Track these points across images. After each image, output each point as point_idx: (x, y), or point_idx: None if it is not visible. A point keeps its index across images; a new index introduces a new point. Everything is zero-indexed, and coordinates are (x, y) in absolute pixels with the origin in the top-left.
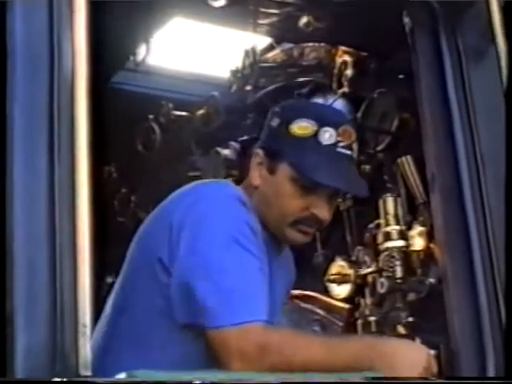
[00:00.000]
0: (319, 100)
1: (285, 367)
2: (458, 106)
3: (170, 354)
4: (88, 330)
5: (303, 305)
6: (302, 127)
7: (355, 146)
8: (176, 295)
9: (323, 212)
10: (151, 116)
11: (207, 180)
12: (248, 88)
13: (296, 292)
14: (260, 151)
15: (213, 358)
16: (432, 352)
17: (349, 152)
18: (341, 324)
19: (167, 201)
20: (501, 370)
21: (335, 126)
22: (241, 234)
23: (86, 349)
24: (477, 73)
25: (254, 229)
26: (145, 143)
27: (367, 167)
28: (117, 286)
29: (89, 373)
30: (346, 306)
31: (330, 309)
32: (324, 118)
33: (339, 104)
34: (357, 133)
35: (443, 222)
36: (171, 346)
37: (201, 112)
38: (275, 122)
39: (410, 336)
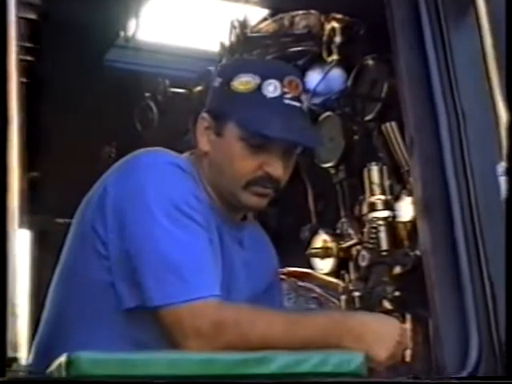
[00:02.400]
0: (316, 71)
1: (242, 344)
2: (437, 66)
3: (120, 340)
4: (18, 309)
5: (300, 283)
6: (243, 82)
7: (304, 97)
8: (117, 274)
9: (277, 170)
10: (148, 94)
11: (147, 149)
12: None
13: (291, 269)
14: (205, 115)
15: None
16: (406, 326)
17: (297, 103)
18: (337, 301)
19: (109, 171)
20: (484, 349)
21: (279, 78)
22: (184, 202)
23: (15, 329)
24: (457, 32)
25: (199, 197)
26: (143, 121)
27: (357, 136)
28: (60, 260)
29: (17, 354)
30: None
31: (326, 286)
32: (266, 70)
33: (335, 73)
34: (347, 101)
35: (422, 190)
36: (121, 329)
37: (198, 89)
38: (217, 82)
39: (396, 311)
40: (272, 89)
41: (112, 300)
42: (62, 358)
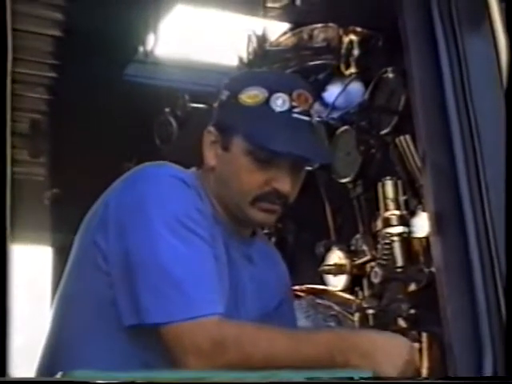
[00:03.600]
0: (336, 85)
1: (245, 363)
2: (450, 78)
3: (122, 357)
4: None
5: (319, 300)
6: (251, 95)
7: (314, 111)
8: (118, 289)
9: (285, 185)
10: (167, 109)
11: (152, 162)
12: None
13: (309, 286)
14: (212, 128)
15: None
16: (415, 345)
17: (306, 118)
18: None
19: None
20: (498, 366)
21: (288, 91)
22: (186, 216)
23: None
24: (471, 43)
25: (203, 212)
26: (162, 137)
27: (374, 150)
28: (63, 275)
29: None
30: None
31: (344, 303)
32: (275, 83)
33: (354, 86)
34: (365, 114)
35: (435, 204)
36: (123, 347)
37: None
38: (224, 95)
39: (411, 329)
40: (280, 102)
41: (114, 316)
42: (58, 376)
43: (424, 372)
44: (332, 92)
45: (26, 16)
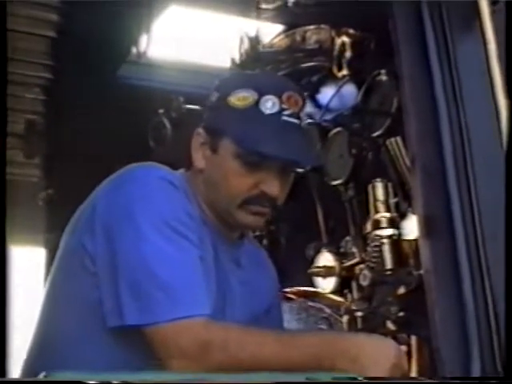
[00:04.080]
0: (330, 87)
1: (231, 365)
2: (441, 80)
3: (108, 359)
4: None
5: (310, 303)
6: (240, 98)
7: (303, 114)
8: (103, 290)
9: (273, 188)
10: (161, 110)
11: (140, 163)
12: None
13: (301, 289)
14: (201, 130)
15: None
16: (403, 348)
17: (296, 120)
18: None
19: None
20: (486, 369)
21: (278, 94)
22: (173, 218)
23: None
24: (462, 45)
25: (191, 214)
26: (156, 138)
27: (367, 153)
28: (50, 276)
29: None
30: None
31: (335, 306)
32: (265, 86)
33: (347, 89)
34: (357, 116)
35: (424, 207)
36: (109, 349)
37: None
38: (214, 97)
39: (400, 332)
40: (270, 105)
41: (100, 318)
42: (41, 377)
43: (412, 375)
44: (325, 94)
45: (21, 17)
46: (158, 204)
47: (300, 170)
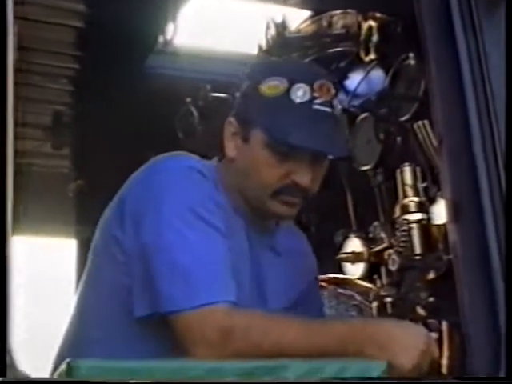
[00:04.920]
0: (357, 72)
1: (253, 353)
2: (468, 61)
3: (136, 349)
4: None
5: (340, 290)
6: (271, 86)
7: (336, 102)
8: (133, 280)
9: (304, 178)
10: (189, 99)
11: (169, 153)
12: None
13: (331, 276)
14: (232, 119)
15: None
16: (433, 334)
17: (328, 109)
18: None
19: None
20: None
21: (309, 82)
22: (199, 206)
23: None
24: (489, 25)
25: (219, 202)
26: (184, 127)
27: (397, 138)
28: (85, 269)
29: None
30: None
31: (365, 292)
32: (296, 74)
33: (375, 73)
34: (385, 101)
35: (452, 191)
36: (137, 339)
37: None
38: (245, 85)
39: (430, 318)
40: (301, 93)
41: (128, 307)
42: (63, 365)
43: (444, 361)
44: (352, 79)
45: (48, 8)
46: (185, 193)
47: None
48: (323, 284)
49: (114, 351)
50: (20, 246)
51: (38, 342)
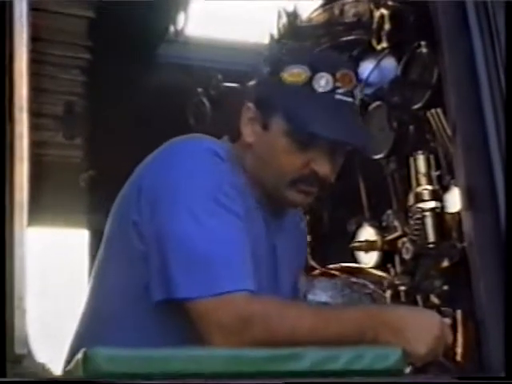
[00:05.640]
0: (369, 60)
1: (271, 340)
2: (482, 48)
3: (148, 337)
4: (24, 303)
5: (354, 279)
6: (294, 74)
7: (357, 91)
8: (150, 265)
9: (324, 168)
10: (200, 89)
11: (185, 136)
12: None
13: (344, 265)
14: (251, 105)
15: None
16: (447, 320)
17: (349, 99)
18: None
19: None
20: None
21: (332, 71)
22: (218, 190)
23: (22, 324)
24: (504, 12)
25: (237, 186)
26: (196, 117)
27: (410, 126)
28: (98, 258)
29: (25, 351)
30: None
31: (379, 282)
32: (319, 62)
33: (387, 62)
34: (398, 89)
35: (466, 178)
36: (149, 327)
37: (252, 82)
38: (265, 71)
39: (445, 306)
40: (323, 83)
41: (145, 293)
42: (80, 355)
43: (458, 349)
44: (365, 68)
45: None
46: (202, 177)
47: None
48: (336, 273)
49: (128, 339)
50: (32, 235)
51: (51, 332)
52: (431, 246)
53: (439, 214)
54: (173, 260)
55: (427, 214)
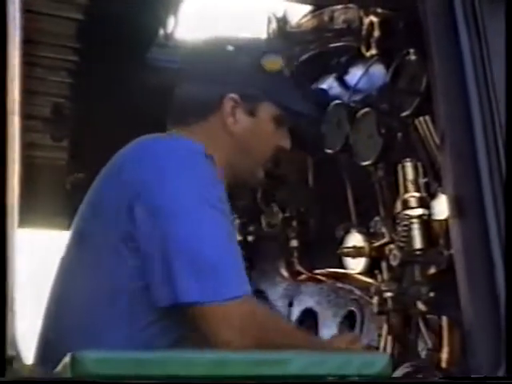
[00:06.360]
0: (358, 67)
1: (269, 342)
2: (471, 57)
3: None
4: (15, 305)
5: (340, 284)
6: (272, 62)
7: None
8: (152, 275)
9: (287, 142)
10: None
11: (154, 135)
12: None
13: (330, 270)
14: (234, 95)
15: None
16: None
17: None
18: None
19: (119, 160)
20: None
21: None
22: (213, 194)
23: (12, 326)
24: (492, 20)
25: (223, 187)
26: None
27: (398, 133)
28: (71, 257)
29: (14, 353)
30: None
31: (366, 287)
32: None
33: (376, 69)
34: (386, 96)
35: (454, 187)
36: (151, 328)
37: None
38: (245, 61)
39: (431, 313)
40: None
41: (141, 307)
42: (68, 358)
43: (444, 356)
44: (353, 75)
45: (49, 0)
46: (200, 183)
47: (329, 151)
48: (322, 278)
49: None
50: (18, 237)
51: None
52: (418, 252)
53: (426, 221)
54: (179, 266)
55: (414, 220)
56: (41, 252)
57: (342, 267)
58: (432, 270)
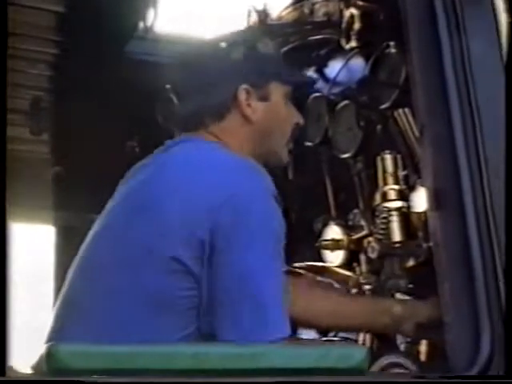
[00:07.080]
0: (338, 60)
1: None
2: (450, 49)
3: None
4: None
5: (319, 277)
6: (268, 44)
7: None
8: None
9: (300, 117)
10: (168, 86)
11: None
12: None
13: (310, 264)
14: (245, 85)
15: None
16: None
17: None
18: None
19: (180, 173)
20: (496, 343)
21: None
22: (279, 236)
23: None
24: (471, 15)
25: None
26: (164, 114)
27: (378, 126)
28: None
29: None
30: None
31: (344, 280)
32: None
33: (356, 61)
34: (366, 89)
35: (433, 179)
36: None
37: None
38: (240, 53)
39: None
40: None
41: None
42: (43, 351)
43: (423, 348)
44: (333, 67)
45: None
46: (272, 219)
47: (308, 144)
48: (301, 272)
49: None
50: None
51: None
52: (397, 245)
53: (405, 214)
54: (246, 303)
55: (393, 213)
56: (22, 246)
57: (321, 260)
58: (411, 263)
